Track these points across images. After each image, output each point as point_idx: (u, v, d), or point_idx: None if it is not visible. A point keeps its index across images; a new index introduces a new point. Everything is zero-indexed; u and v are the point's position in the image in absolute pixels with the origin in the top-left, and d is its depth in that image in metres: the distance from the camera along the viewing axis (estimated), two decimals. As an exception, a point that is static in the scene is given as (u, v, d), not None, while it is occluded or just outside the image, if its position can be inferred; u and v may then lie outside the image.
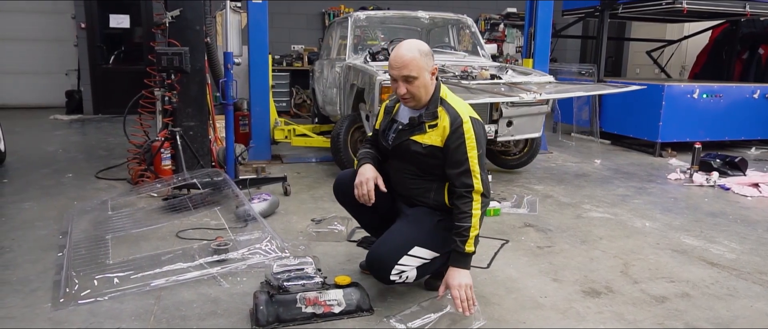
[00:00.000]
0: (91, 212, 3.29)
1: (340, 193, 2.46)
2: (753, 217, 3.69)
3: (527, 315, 2.20)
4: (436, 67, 2.18)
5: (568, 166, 5.30)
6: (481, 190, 2.10)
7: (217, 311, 2.16)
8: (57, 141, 6.20)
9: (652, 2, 5.97)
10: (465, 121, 2.12)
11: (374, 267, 2.17)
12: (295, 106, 8.94)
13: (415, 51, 2.10)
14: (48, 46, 9.11)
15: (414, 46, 2.13)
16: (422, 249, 2.16)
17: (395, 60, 2.11)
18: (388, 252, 2.12)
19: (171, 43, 3.82)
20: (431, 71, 2.15)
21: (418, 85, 2.11)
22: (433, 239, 2.19)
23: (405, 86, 2.12)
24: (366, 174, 2.24)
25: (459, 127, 2.11)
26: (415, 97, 2.14)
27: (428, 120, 2.15)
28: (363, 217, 2.52)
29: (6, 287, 2.33)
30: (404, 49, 2.11)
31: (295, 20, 9.17)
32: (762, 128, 6.30)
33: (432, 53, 2.18)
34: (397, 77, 2.12)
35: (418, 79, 2.10)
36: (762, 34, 7.42)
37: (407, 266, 2.14)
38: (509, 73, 4.50)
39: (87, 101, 8.64)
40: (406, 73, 2.09)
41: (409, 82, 2.10)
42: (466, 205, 2.08)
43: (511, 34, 9.81)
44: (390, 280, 2.13)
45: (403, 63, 2.09)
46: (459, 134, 2.10)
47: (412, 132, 2.19)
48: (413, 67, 2.08)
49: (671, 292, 2.45)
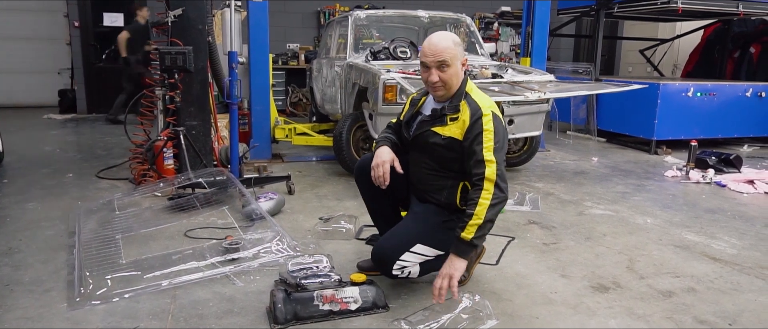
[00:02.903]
0: (97, 212, 3.28)
1: (362, 179, 2.46)
2: (750, 213, 3.77)
3: (539, 311, 2.24)
4: (466, 59, 2.22)
5: (567, 164, 5.36)
6: (494, 179, 2.04)
7: (233, 309, 2.18)
8: (53, 140, 6.15)
9: (647, 1, 6.05)
10: (485, 114, 2.13)
11: (377, 260, 2.24)
12: (291, 105, 8.94)
13: (449, 40, 2.16)
14: (40, 44, 9.02)
15: (448, 36, 2.18)
16: (424, 246, 2.21)
17: (430, 47, 2.15)
18: (391, 248, 2.18)
19: (173, 42, 3.82)
20: (462, 62, 2.19)
21: (451, 73, 2.15)
22: (437, 237, 2.23)
23: (438, 73, 2.14)
24: (382, 156, 2.26)
25: (478, 120, 2.12)
26: (447, 84, 2.17)
27: (450, 113, 2.18)
28: (379, 206, 2.52)
29: (19, 287, 2.33)
30: (439, 37, 2.16)
31: (290, 19, 9.16)
32: (754, 126, 6.41)
33: (462, 44, 2.22)
34: (431, 64, 2.15)
35: (451, 67, 2.14)
36: (753, 34, 7.54)
37: (409, 262, 2.19)
38: (510, 72, 4.54)
39: (81, 100, 8.57)
40: (441, 60, 2.12)
41: (443, 69, 2.14)
42: (475, 193, 2.07)
43: (506, 33, 9.87)
44: (393, 274, 2.20)
45: (439, 50, 2.13)
46: (478, 126, 2.12)
47: (433, 123, 2.23)
48: (448, 55, 2.12)
49: (677, 287, 2.50)
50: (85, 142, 6.06)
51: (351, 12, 5.34)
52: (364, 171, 2.43)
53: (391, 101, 3.88)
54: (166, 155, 3.94)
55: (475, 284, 2.46)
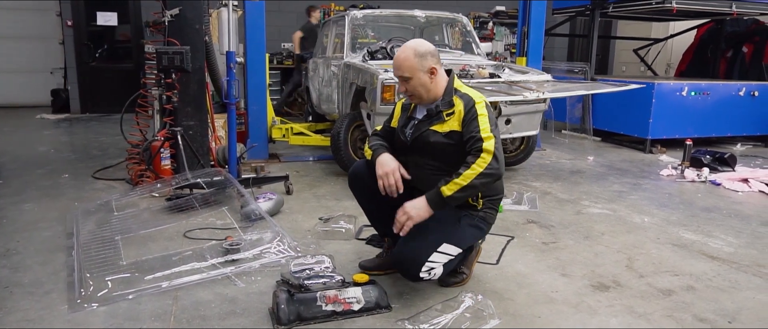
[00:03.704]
0: (95, 213, 3.26)
1: (358, 185, 2.47)
2: (746, 212, 3.80)
3: (541, 310, 2.25)
4: (434, 67, 2.24)
5: (563, 163, 5.39)
6: (492, 150, 2.09)
7: (236, 310, 2.17)
8: (47, 141, 6.11)
9: (642, 1, 6.08)
10: (478, 102, 2.22)
11: (405, 264, 2.18)
12: (285, 104, 8.90)
13: (410, 52, 2.21)
14: (32, 43, 8.95)
15: (410, 48, 2.23)
16: (450, 246, 2.21)
17: (394, 61, 2.27)
18: (419, 250, 2.15)
19: (170, 41, 3.80)
20: (429, 70, 2.22)
21: (414, 84, 2.22)
22: (460, 236, 2.25)
23: (403, 85, 2.26)
24: (389, 164, 2.24)
25: (472, 108, 2.20)
26: (415, 95, 2.26)
27: (445, 108, 2.23)
28: (377, 210, 2.51)
29: (19, 289, 2.31)
30: (401, 50, 2.24)
31: (284, 18, 9.14)
32: (747, 125, 6.47)
33: (433, 53, 2.24)
34: (396, 77, 2.28)
35: (412, 79, 2.22)
36: (746, 33, 7.60)
37: (436, 263, 2.17)
38: (507, 72, 4.56)
39: (74, 100, 8.52)
40: (399, 74, 2.23)
41: (406, 81, 2.23)
42: (471, 158, 2.12)
43: (500, 32, 9.89)
44: (419, 277, 2.17)
45: (398, 64, 2.24)
46: (473, 113, 2.19)
47: (430, 122, 2.26)
48: (406, 69, 2.21)
49: (676, 285, 2.52)
50: (79, 142, 6.02)
51: (348, 11, 5.34)
52: (358, 177, 2.45)
53: (390, 101, 3.88)
54: (163, 155, 3.92)
55: (476, 283, 2.47)
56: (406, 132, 2.35)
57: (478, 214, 2.32)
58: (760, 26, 7.50)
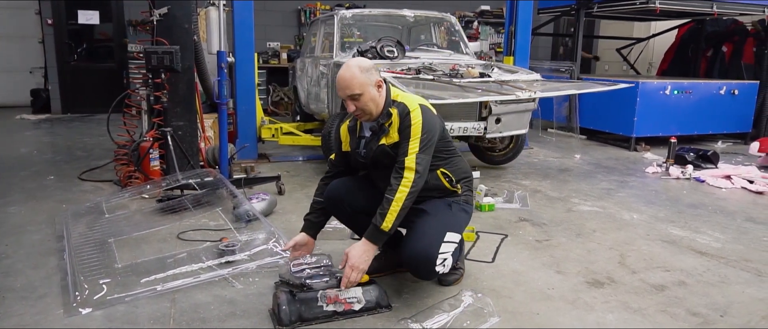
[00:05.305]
0: (85, 215, 3.21)
1: (338, 208, 2.47)
2: (730, 208, 3.89)
3: (539, 306, 2.28)
4: (379, 80, 2.25)
5: (551, 161, 5.45)
6: (413, 167, 2.13)
7: (235, 312, 2.16)
8: (29, 142, 5.98)
9: (626, 1, 6.18)
10: (413, 109, 2.20)
11: (420, 264, 2.16)
12: (272, 104, 8.86)
13: (355, 69, 2.19)
14: (10, 42, 8.74)
15: (353, 65, 2.21)
16: (452, 233, 2.23)
17: (339, 82, 2.22)
18: (429, 245, 2.15)
19: (159, 41, 3.75)
20: (376, 84, 2.23)
21: (365, 100, 2.20)
22: (455, 220, 2.29)
23: (353, 104, 2.21)
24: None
25: (407, 116, 2.19)
26: (366, 111, 2.23)
27: (385, 120, 2.24)
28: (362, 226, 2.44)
29: (12, 294, 2.26)
30: (344, 70, 2.22)
31: (270, 17, 9.07)
32: (727, 122, 6.61)
33: (374, 68, 2.25)
34: (344, 98, 2.23)
35: (364, 94, 2.19)
36: (725, 33, 7.76)
37: (446, 253, 2.19)
38: (496, 71, 4.59)
39: (55, 100, 8.34)
40: (350, 93, 2.19)
41: (356, 99, 2.20)
42: (395, 180, 2.14)
43: (485, 32, 9.96)
44: (436, 272, 2.17)
45: (346, 84, 2.19)
46: (407, 123, 2.19)
47: (378, 137, 2.27)
48: (356, 86, 2.17)
49: (668, 281, 2.57)
50: (62, 143, 5.91)
51: (337, 11, 5.32)
52: (336, 200, 2.43)
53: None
54: (152, 156, 3.87)
55: (474, 281, 2.50)
56: (361, 151, 2.36)
57: (461, 198, 2.38)
58: (739, 26, 7.66)
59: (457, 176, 2.36)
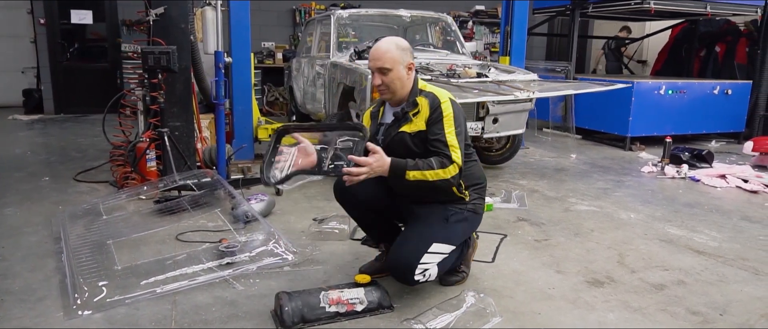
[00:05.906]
0: (82, 216, 3.18)
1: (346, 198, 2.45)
2: (726, 207, 3.92)
3: (540, 306, 2.28)
4: (412, 63, 2.26)
5: (547, 161, 5.47)
6: (460, 164, 2.14)
7: (237, 314, 2.15)
8: (23, 142, 5.93)
9: (621, 2, 6.21)
10: (443, 101, 2.22)
11: (399, 270, 2.18)
12: (267, 104, 8.83)
13: (392, 45, 2.23)
14: (1, 42, 8.66)
15: (392, 41, 2.25)
16: (440, 244, 2.21)
17: (374, 52, 2.25)
18: (410, 253, 2.15)
19: (155, 41, 3.73)
20: (408, 66, 2.25)
21: (393, 76, 2.21)
22: (449, 233, 2.25)
23: (380, 77, 2.23)
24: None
25: (437, 107, 2.20)
26: (390, 88, 2.24)
27: (410, 109, 2.24)
28: (369, 219, 2.53)
29: (10, 297, 2.24)
30: (382, 42, 2.25)
31: (265, 17, 9.04)
32: (721, 122, 6.66)
33: (411, 50, 2.28)
34: (373, 69, 2.24)
35: (393, 71, 2.21)
36: (718, 33, 7.83)
37: (429, 263, 2.18)
38: (493, 72, 4.60)
39: (48, 100, 8.28)
40: (381, 65, 2.20)
41: (384, 73, 2.21)
42: (443, 161, 2.13)
43: (480, 32, 9.98)
44: (414, 281, 2.16)
45: (379, 55, 2.21)
46: (438, 113, 2.19)
47: (399, 124, 2.27)
48: (387, 60, 2.20)
49: (667, 280, 2.59)
50: (56, 144, 5.86)
51: (333, 11, 5.31)
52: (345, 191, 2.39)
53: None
54: (149, 157, 3.85)
55: (475, 281, 2.50)
56: (378, 138, 2.35)
57: (467, 207, 2.33)
58: (731, 26, 7.73)
59: (467, 182, 2.31)
